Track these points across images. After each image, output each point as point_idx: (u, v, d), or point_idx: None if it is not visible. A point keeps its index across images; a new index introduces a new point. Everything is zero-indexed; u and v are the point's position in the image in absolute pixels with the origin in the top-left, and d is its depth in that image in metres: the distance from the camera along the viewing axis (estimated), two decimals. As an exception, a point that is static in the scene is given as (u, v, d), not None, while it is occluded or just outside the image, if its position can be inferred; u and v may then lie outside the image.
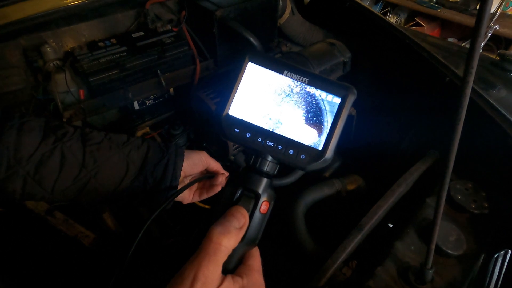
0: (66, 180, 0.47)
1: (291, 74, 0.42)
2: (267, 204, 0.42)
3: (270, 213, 0.43)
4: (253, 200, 0.41)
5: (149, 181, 0.52)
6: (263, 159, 0.42)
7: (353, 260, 0.63)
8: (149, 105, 1.04)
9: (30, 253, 0.72)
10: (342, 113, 0.41)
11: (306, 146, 0.41)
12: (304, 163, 0.41)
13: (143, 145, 0.54)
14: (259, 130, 0.42)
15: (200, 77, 1.03)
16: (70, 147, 0.47)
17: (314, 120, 0.42)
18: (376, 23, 1.06)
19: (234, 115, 0.43)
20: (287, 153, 0.41)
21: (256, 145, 0.42)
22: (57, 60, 0.87)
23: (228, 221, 0.37)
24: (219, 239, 0.35)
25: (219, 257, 0.35)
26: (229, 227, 0.36)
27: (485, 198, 0.68)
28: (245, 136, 0.42)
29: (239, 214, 0.38)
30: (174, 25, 1.08)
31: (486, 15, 0.27)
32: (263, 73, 0.43)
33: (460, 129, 0.36)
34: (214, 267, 0.34)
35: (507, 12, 2.47)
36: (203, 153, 0.59)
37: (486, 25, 0.28)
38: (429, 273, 0.52)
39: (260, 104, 0.43)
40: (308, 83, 0.42)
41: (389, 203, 0.68)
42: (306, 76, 0.42)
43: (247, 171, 0.43)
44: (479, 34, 0.28)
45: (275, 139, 0.42)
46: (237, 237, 0.37)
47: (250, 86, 0.43)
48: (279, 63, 0.43)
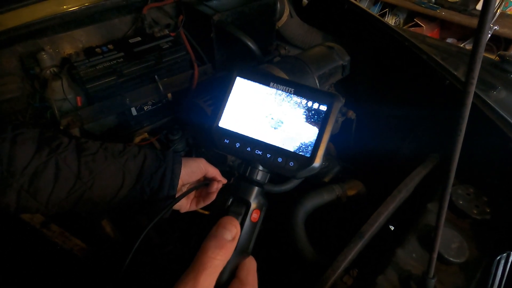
0: (61, 192, 0.46)
1: (277, 85, 0.44)
2: (257, 212, 0.42)
3: (262, 221, 0.43)
4: (244, 209, 0.41)
5: (146, 191, 0.52)
6: (253, 167, 0.43)
7: (354, 269, 0.62)
8: (147, 111, 1.04)
9: (26, 266, 0.72)
10: (329, 120, 0.42)
11: (294, 154, 0.42)
12: (293, 171, 0.42)
13: (139, 154, 0.53)
14: (248, 140, 0.44)
15: (198, 81, 1.02)
16: (65, 159, 0.46)
17: (302, 128, 0.43)
18: (375, 25, 1.05)
19: (224, 127, 0.45)
20: (275, 161, 0.42)
21: (246, 154, 0.43)
22: (53, 67, 0.86)
23: (220, 233, 0.37)
24: (214, 253, 0.35)
25: (216, 270, 0.35)
26: (222, 241, 0.36)
27: (486, 203, 0.67)
28: (235, 146, 0.44)
29: (230, 225, 0.38)
30: (172, 29, 1.08)
31: (485, 37, 0.27)
32: (251, 86, 0.45)
33: (461, 140, 0.36)
34: (211, 282, 0.34)
35: (507, 12, 2.46)
36: (201, 160, 0.59)
37: (485, 41, 0.27)
38: (431, 282, 0.51)
39: (249, 115, 0.45)
40: (294, 93, 0.43)
41: (390, 209, 0.67)
42: (292, 87, 0.43)
43: (238, 180, 0.43)
44: (480, 48, 0.27)
45: (264, 148, 0.43)
46: (230, 249, 0.37)
47: (239, 99, 0.45)
48: (265, 75, 0.45)
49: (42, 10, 0.88)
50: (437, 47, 1.31)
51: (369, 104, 1.12)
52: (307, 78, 0.91)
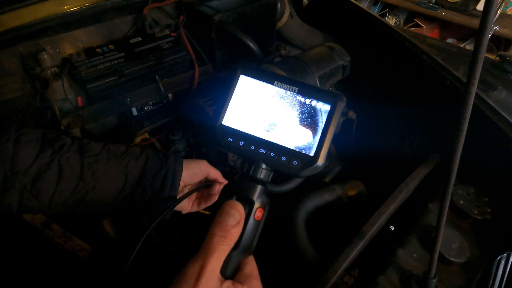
0: (63, 193, 0.46)
1: (282, 84, 0.43)
2: (261, 211, 0.42)
3: (265, 220, 0.43)
4: (247, 207, 0.41)
5: (148, 192, 0.52)
6: (257, 166, 0.43)
7: (355, 269, 0.62)
8: (147, 111, 1.04)
9: (27, 266, 0.72)
10: (333, 119, 0.42)
11: (298, 153, 0.42)
12: (296, 169, 0.42)
13: (141, 156, 0.53)
14: (252, 138, 0.43)
15: (199, 82, 1.02)
16: (68, 160, 0.46)
17: (306, 127, 0.43)
18: (375, 25, 1.05)
19: (227, 125, 0.45)
20: (279, 160, 0.42)
21: (249, 153, 0.43)
22: (54, 67, 0.86)
23: (224, 220, 0.38)
24: (219, 241, 0.36)
25: (222, 254, 0.36)
26: (226, 227, 0.37)
27: (487, 203, 0.67)
28: (239, 144, 0.43)
29: (233, 210, 0.39)
30: (172, 30, 1.08)
31: (486, 37, 0.27)
32: (255, 84, 0.45)
33: (462, 140, 0.36)
34: (217, 264, 0.36)
35: (507, 12, 2.47)
36: (203, 162, 0.59)
37: (486, 43, 0.28)
38: (432, 282, 0.51)
39: (253, 113, 0.44)
40: (298, 92, 0.43)
41: (391, 209, 0.67)
42: (296, 86, 0.43)
43: (242, 179, 0.43)
44: (481, 48, 0.27)
45: (268, 147, 0.43)
46: (236, 233, 0.38)
47: (243, 97, 0.45)
48: (270, 74, 0.44)
49: (43, 10, 0.88)
50: (437, 47, 1.31)
51: (370, 104, 1.12)
52: (308, 78, 0.91)
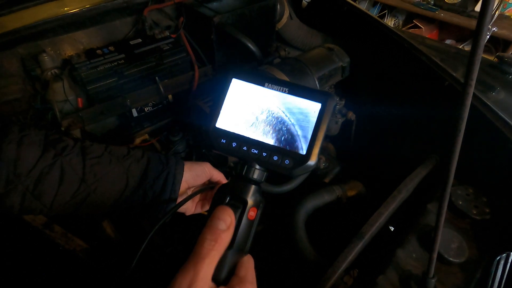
0: (65, 195, 0.46)
1: (272, 85, 0.45)
2: (254, 210, 0.42)
3: (265, 220, 0.43)
4: (241, 207, 0.42)
5: (149, 195, 0.52)
6: (249, 166, 0.43)
7: (354, 269, 0.63)
8: (147, 112, 1.04)
9: (28, 267, 0.72)
10: (324, 118, 0.43)
11: (290, 151, 0.43)
12: (289, 168, 0.43)
13: (143, 158, 0.53)
14: (244, 139, 0.44)
15: (199, 83, 1.03)
16: (70, 162, 0.47)
17: (297, 126, 0.44)
18: (374, 26, 1.06)
19: (220, 127, 0.46)
20: (271, 159, 0.43)
21: (242, 154, 0.44)
22: (55, 68, 0.86)
23: (214, 224, 0.38)
24: (210, 245, 0.36)
25: (213, 260, 0.36)
26: (216, 231, 0.37)
27: (486, 203, 0.68)
28: (231, 145, 0.44)
29: (224, 214, 0.39)
30: (172, 31, 1.08)
31: (483, 38, 0.27)
32: (246, 87, 0.46)
33: (460, 141, 0.36)
34: (209, 271, 0.35)
35: (505, 13, 2.48)
36: (206, 164, 0.59)
37: (484, 43, 0.28)
38: (431, 282, 0.52)
39: (245, 115, 0.45)
40: (289, 92, 0.44)
41: (390, 210, 0.68)
42: (286, 86, 0.45)
43: (236, 179, 0.44)
44: (478, 50, 0.27)
45: (259, 147, 0.44)
46: (226, 238, 0.38)
47: (235, 100, 0.46)
48: (260, 76, 0.46)
49: (43, 12, 0.88)
50: (436, 48, 1.32)
51: (369, 105, 1.13)
52: (307, 79, 0.91)
